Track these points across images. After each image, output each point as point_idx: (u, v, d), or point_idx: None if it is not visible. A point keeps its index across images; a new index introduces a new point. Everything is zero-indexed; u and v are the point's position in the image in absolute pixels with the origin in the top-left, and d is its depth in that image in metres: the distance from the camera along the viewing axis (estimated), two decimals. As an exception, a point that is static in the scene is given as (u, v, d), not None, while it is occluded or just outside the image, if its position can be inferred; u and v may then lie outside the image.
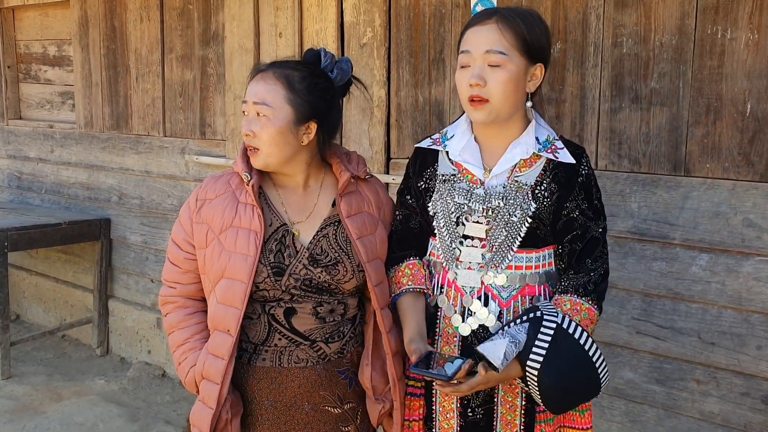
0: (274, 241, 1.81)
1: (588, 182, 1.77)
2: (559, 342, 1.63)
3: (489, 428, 1.80)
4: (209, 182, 1.91)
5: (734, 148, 2.36)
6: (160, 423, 3.75)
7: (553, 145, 1.77)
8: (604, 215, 1.80)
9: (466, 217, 1.77)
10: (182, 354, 1.89)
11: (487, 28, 1.68)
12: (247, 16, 3.67)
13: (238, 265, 1.76)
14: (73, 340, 5.03)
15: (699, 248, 2.46)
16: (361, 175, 1.91)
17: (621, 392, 2.69)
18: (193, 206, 1.89)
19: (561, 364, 1.63)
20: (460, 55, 1.72)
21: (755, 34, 2.29)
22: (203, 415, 1.80)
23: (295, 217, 1.85)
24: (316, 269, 1.80)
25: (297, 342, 1.82)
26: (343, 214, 1.84)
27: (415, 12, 3.09)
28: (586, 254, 1.75)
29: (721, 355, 2.45)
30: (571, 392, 1.67)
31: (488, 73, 1.67)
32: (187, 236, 1.89)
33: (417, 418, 1.88)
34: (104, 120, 4.63)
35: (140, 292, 4.59)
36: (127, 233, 4.59)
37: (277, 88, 1.76)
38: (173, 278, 1.92)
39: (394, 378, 1.86)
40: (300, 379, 1.83)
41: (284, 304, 1.81)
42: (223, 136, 3.93)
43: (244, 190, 1.83)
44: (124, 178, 4.57)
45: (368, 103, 3.27)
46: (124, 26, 4.40)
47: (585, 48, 2.63)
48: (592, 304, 1.72)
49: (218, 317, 1.80)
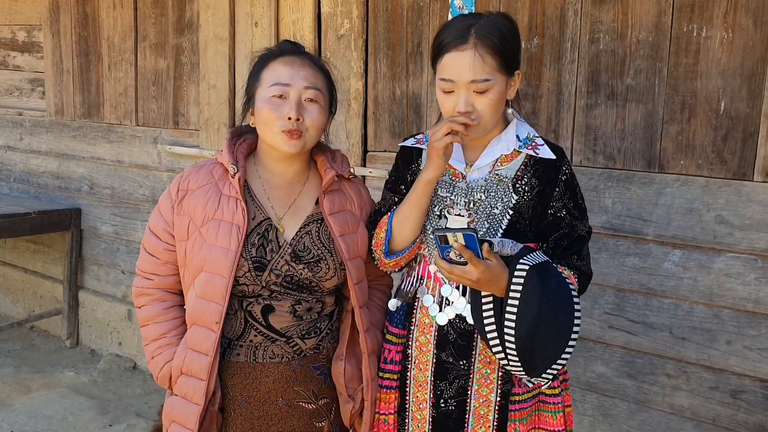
0: (257, 235, 1.78)
1: (573, 182, 1.79)
2: (548, 265, 1.68)
3: (461, 420, 1.81)
4: (191, 172, 1.86)
5: (708, 145, 2.39)
6: (131, 416, 3.71)
7: (533, 142, 1.79)
8: (587, 216, 1.83)
9: (448, 210, 1.78)
10: (157, 348, 1.86)
11: (467, 55, 1.64)
12: (222, 4, 3.62)
13: (218, 258, 1.73)
14: (42, 331, 4.95)
15: (672, 244, 2.48)
16: (345, 175, 1.90)
17: (593, 386, 2.71)
18: (174, 196, 1.84)
19: (547, 276, 1.64)
20: (441, 81, 1.69)
21: (729, 33, 2.31)
22: (187, 410, 1.77)
23: (280, 212, 1.83)
24: (298, 266, 1.78)
25: (273, 338, 1.81)
26: (325, 211, 1.83)
27: (393, 4, 3.08)
28: (573, 252, 1.78)
29: (692, 350, 2.48)
30: (549, 311, 1.63)
31: (475, 98, 1.67)
32: (167, 226, 1.84)
33: (392, 411, 1.89)
34: (75, 108, 4.55)
35: (111, 284, 4.52)
36: (98, 223, 4.52)
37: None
38: (150, 269, 1.88)
39: (368, 377, 1.85)
40: (274, 374, 1.82)
41: (263, 300, 1.79)
42: (197, 126, 3.89)
43: (228, 182, 1.80)
44: (95, 167, 4.50)
45: (345, 95, 3.26)
46: (97, 13, 4.32)
47: (562, 44, 2.63)
48: (573, 275, 1.75)
49: (198, 312, 1.77)
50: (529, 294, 1.62)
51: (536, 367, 1.67)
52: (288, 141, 1.75)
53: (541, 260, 1.67)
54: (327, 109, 1.82)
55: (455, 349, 1.79)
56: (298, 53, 1.82)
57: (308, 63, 1.80)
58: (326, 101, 1.82)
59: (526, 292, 1.62)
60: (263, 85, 1.77)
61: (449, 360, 1.80)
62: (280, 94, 1.75)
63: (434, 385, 1.82)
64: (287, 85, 1.74)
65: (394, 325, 1.89)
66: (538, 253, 1.70)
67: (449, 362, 1.80)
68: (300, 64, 1.78)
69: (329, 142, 1.98)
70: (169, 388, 1.86)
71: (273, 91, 1.75)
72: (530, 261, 1.65)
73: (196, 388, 1.77)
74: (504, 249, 1.69)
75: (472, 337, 1.78)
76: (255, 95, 1.79)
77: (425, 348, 1.82)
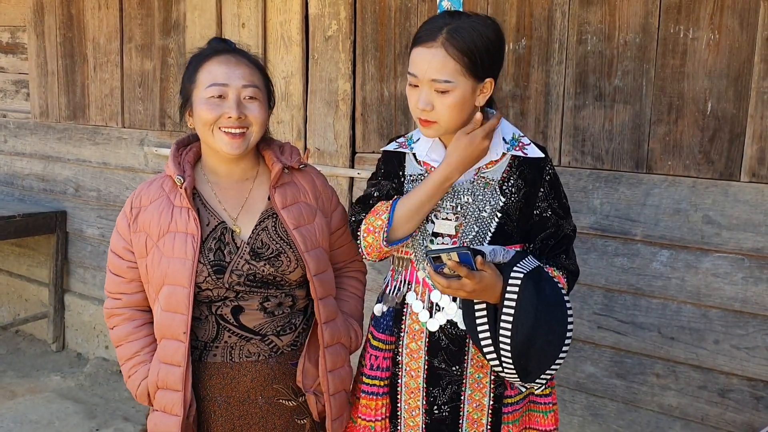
0: (213, 239, 1.78)
1: (557, 181, 1.79)
2: (541, 271, 1.67)
3: (455, 426, 1.80)
4: (142, 188, 1.87)
5: (695, 146, 2.40)
6: (118, 420, 3.68)
7: (520, 142, 1.78)
8: (571, 215, 1.84)
9: (435, 214, 1.77)
10: (132, 368, 1.87)
11: (432, 53, 1.62)
12: (209, 5, 3.60)
13: (177, 269, 1.73)
14: (27, 335, 4.90)
15: (660, 244, 2.49)
16: (295, 165, 1.88)
17: (582, 386, 2.72)
18: (128, 215, 1.84)
19: (542, 283, 1.64)
20: (408, 74, 1.69)
21: (716, 35, 2.33)
22: (169, 422, 1.77)
23: (233, 213, 1.83)
24: (259, 263, 1.77)
25: (247, 338, 1.81)
26: (278, 206, 1.82)
27: (380, 5, 3.07)
28: (561, 251, 1.78)
29: (680, 350, 2.50)
30: (544, 319, 1.63)
31: (435, 97, 1.65)
32: (126, 245, 1.85)
33: (380, 418, 1.86)
34: (60, 110, 4.51)
35: (97, 287, 4.48)
36: (83, 226, 4.49)
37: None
38: (117, 289, 1.88)
39: (324, 370, 1.84)
40: (252, 373, 1.81)
41: (230, 302, 1.79)
42: (183, 128, 3.86)
43: (178, 193, 1.80)
44: (81, 169, 4.46)
45: (333, 97, 3.25)
46: (82, 14, 4.28)
47: (550, 45, 2.64)
48: (562, 275, 1.75)
49: (165, 325, 1.78)
50: (525, 303, 1.61)
51: (530, 373, 1.67)
52: (230, 142, 1.75)
53: (534, 266, 1.67)
54: (266, 104, 1.82)
55: (447, 355, 1.78)
56: (233, 51, 1.81)
57: (244, 61, 1.79)
58: (265, 97, 1.81)
59: (521, 300, 1.62)
60: (200, 87, 1.76)
61: (441, 366, 1.79)
62: (219, 95, 1.74)
63: (427, 392, 1.80)
64: (225, 85, 1.74)
65: (380, 331, 1.87)
66: (529, 259, 1.69)
67: (441, 368, 1.79)
68: (236, 62, 1.77)
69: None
70: (150, 404, 1.87)
71: (211, 92, 1.74)
72: (524, 268, 1.64)
73: (173, 400, 1.77)
74: (496, 257, 1.68)
75: (464, 342, 1.77)
76: (192, 97, 1.78)
77: (416, 355, 1.81)
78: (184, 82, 1.82)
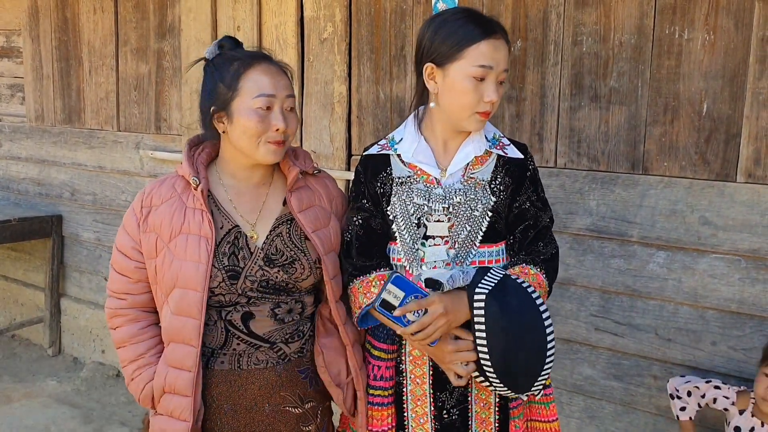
0: (227, 243, 1.76)
1: (536, 176, 1.83)
2: (506, 283, 1.66)
3: (465, 428, 1.80)
4: (153, 187, 1.84)
5: (691, 147, 2.40)
6: (115, 424, 3.66)
7: (500, 142, 1.83)
8: (549, 206, 1.87)
9: (426, 217, 1.77)
10: (136, 370, 1.84)
11: (501, 44, 1.70)
12: (204, 8, 3.60)
13: (190, 273, 1.71)
14: (23, 340, 4.89)
15: (656, 246, 2.49)
16: (309, 170, 1.89)
17: (579, 388, 2.71)
18: (139, 214, 1.81)
19: (506, 298, 1.63)
20: (478, 68, 1.67)
21: (711, 35, 2.32)
22: (177, 428, 1.75)
23: (250, 218, 1.81)
24: (273, 269, 1.76)
25: (256, 345, 1.79)
26: (294, 209, 1.81)
27: (376, 8, 3.07)
28: (539, 239, 1.81)
29: (677, 351, 2.49)
30: (517, 334, 1.62)
31: (498, 88, 1.73)
32: (135, 244, 1.81)
33: (387, 428, 1.84)
34: (56, 114, 4.50)
35: (93, 291, 4.47)
36: (79, 230, 4.47)
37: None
38: (122, 289, 1.85)
39: (356, 367, 1.84)
40: (260, 380, 1.80)
41: (241, 308, 1.77)
42: (179, 131, 3.85)
43: (192, 194, 1.77)
44: (76, 173, 4.45)
45: (329, 99, 3.24)
46: (77, 17, 4.28)
47: (545, 46, 2.64)
48: (540, 272, 1.76)
49: (175, 329, 1.75)
50: (492, 325, 1.62)
51: (521, 385, 1.67)
52: (276, 150, 1.74)
53: (497, 279, 1.66)
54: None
55: None
56: (271, 61, 1.80)
57: (281, 71, 1.79)
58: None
59: (488, 323, 1.62)
60: (245, 96, 1.72)
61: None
62: (267, 106, 1.72)
63: (434, 398, 1.80)
64: (273, 96, 1.72)
65: (380, 341, 1.85)
66: (492, 273, 1.68)
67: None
68: (277, 72, 1.76)
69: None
70: (153, 407, 1.84)
71: (259, 102, 1.71)
72: (486, 287, 1.64)
73: (182, 405, 1.75)
74: (456, 282, 1.68)
75: None
76: (232, 105, 1.73)
77: (420, 361, 1.80)
78: (218, 88, 1.75)
